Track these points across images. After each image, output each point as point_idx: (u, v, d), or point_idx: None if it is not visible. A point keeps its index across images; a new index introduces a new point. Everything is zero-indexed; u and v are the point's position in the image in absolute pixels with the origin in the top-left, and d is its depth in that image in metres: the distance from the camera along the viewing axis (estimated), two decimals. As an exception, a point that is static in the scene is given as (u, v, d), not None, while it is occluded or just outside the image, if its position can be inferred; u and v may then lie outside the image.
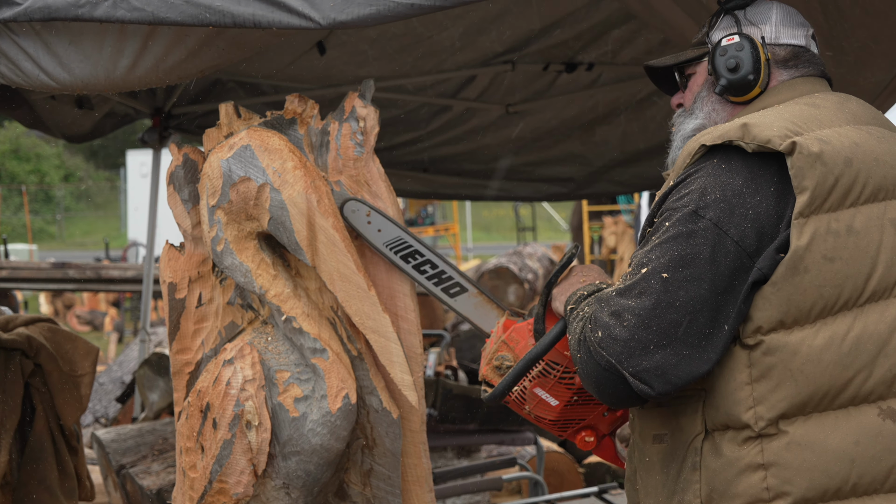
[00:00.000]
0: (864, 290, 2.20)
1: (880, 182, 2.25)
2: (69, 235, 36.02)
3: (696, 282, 2.17)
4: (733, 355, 2.22)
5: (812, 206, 2.17)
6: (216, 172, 3.08)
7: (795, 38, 2.54)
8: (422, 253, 3.14)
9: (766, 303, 2.18)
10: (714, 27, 2.60)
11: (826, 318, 2.19)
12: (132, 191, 27.90)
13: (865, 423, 2.18)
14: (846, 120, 2.35)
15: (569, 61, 5.75)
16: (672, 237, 2.21)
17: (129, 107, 5.96)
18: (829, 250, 2.17)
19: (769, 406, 2.18)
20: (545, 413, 2.70)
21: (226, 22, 2.78)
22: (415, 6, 2.70)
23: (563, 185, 7.11)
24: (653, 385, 2.18)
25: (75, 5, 2.83)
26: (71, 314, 18.97)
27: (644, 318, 2.18)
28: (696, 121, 2.58)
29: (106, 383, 8.31)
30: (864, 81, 4.05)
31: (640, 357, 2.18)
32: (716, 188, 2.21)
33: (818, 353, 2.17)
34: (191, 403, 3.16)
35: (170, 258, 3.23)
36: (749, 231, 2.18)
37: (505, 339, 2.79)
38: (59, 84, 3.00)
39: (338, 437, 3.09)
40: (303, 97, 3.23)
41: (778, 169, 2.21)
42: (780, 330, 2.19)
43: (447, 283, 3.15)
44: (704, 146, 2.28)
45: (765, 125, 2.24)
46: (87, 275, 9.67)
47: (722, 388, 2.23)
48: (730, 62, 2.48)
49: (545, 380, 2.64)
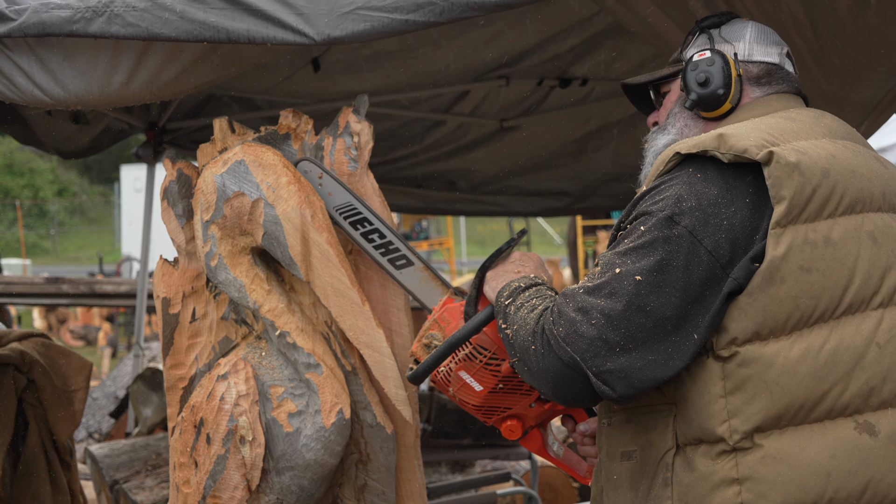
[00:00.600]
0: (841, 303, 2.18)
1: (857, 194, 2.24)
2: (63, 250, 35.98)
3: (669, 289, 2.15)
4: (707, 367, 2.19)
5: (789, 217, 2.16)
6: (210, 187, 3.08)
7: (769, 55, 2.55)
8: (371, 221, 3.12)
9: (742, 314, 2.16)
10: (689, 45, 2.62)
11: (802, 330, 2.17)
12: (126, 206, 27.88)
13: (841, 436, 2.15)
14: (822, 133, 2.35)
15: (562, 76, 5.75)
16: (648, 242, 2.18)
17: (124, 122, 5.95)
18: (806, 261, 2.16)
19: (744, 419, 2.16)
20: (469, 397, 2.68)
21: (220, 38, 2.79)
22: (409, 22, 2.71)
23: (557, 199, 7.10)
24: (615, 387, 2.15)
25: (70, 21, 2.84)
26: (64, 329, 18.93)
27: (613, 320, 2.15)
28: (668, 136, 2.57)
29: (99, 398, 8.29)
30: (857, 97, 4.06)
31: (605, 358, 2.15)
32: (691, 197, 2.19)
33: (794, 364, 2.15)
34: (184, 418, 3.16)
35: (164, 273, 3.23)
36: (723, 241, 2.16)
37: (437, 318, 2.77)
38: (53, 99, 3.01)
39: (332, 453, 3.09)
40: (297, 112, 3.23)
41: (753, 180, 2.20)
42: (755, 341, 2.17)
43: (394, 254, 3.13)
44: (679, 154, 2.27)
45: (741, 135, 2.23)
46: (81, 290, 9.65)
47: (695, 402, 2.20)
48: (699, 76, 2.48)
49: (470, 364, 2.62)
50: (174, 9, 2.79)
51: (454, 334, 2.62)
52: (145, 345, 8.54)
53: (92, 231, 37.87)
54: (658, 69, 2.71)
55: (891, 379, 2.18)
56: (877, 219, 2.26)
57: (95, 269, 22.10)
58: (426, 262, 3.12)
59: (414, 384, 2.76)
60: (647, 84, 2.72)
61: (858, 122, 4.23)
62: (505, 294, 2.47)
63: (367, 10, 2.71)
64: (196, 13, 2.78)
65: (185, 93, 3.20)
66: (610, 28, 5.10)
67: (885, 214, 2.29)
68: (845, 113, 4.08)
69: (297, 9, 2.74)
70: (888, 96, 4.11)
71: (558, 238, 31.00)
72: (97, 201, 39.79)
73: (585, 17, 5.04)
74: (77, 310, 19.17)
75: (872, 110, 4.20)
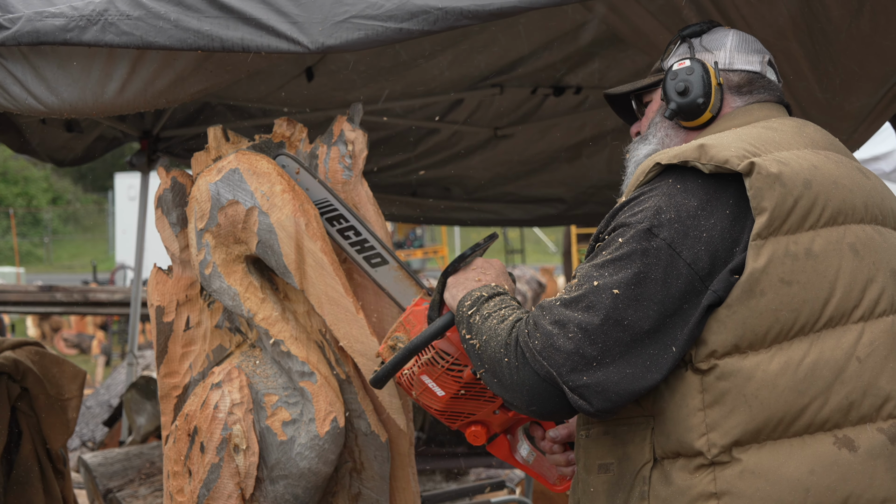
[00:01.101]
0: (822, 316, 2.15)
1: (839, 206, 2.22)
2: (57, 258, 35.95)
3: (647, 302, 2.12)
4: (685, 380, 2.17)
5: (770, 228, 2.13)
6: (204, 196, 3.08)
7: (750, 64, 2.52)
8: (346, 218, 3.12)
9: (721, 326, 2.14)
10: (669, 54, 2.60)
11: (782, 343, 2.14)
12: (120, 214, 27.87)
13: (821, 451, 2.12)
14: (804, 143, 2.32)
15: (556, 84, 5.76)
16: (626, 254, 2.16)
17: (118, 130, 5.95)
18: (786, 273, 2.13)
19: (722, 432, 2.13)
20: (431, 402, 2.67)
21: (214, 46, 2.79)
22: (403, 31, 2.71)
23: (552, 205, 7.10)
24: (591, 401, 2.13)
25: (64, 29, 2.84)
26: (58, 337, 18.91)
27: (590, 333, 2.12)
28: (650, 146, 2.55)
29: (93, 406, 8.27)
30: (850, 106, 4.07)
31: (582, 372, 2.12)
32: (670, 208, 2.17)
33: (773, 378, 2.12)
34: (178, 427, 3.15)
35: (158, 281, 3.23)
36: (702, 254, 2.14)
37: (402, 320, 2.77)
38: (47, 108, 3.00)
39: (326, 461, 3.08)
40: (291, 121, 3.23)
41: (735, 191, 2.17)
42: (734, 354, 2.14)
43: (369, 251, 3.12)
44: (660, 164, 2.24)
45: (722, 146, 2.19)
46: (75, 298, 9.65)
47: (673, 415, 2.18)
48: (679, 86, 2.46)
49: (432, 368, 2.61)
50: (168, 17, 2.79)
51: (415, 338, 2.61)
52: (139, 353, 8.53)
53: (86, 239, 37.85)
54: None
55: (871, 393, 2.15)
56: (859, 230, 2.24)
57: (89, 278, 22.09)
58: (401, 261, 3.12)
59: (375, 388, 2.74)
60: (629, 94, 2.71)
61: (851, 130, 4.24)
62: (467, 303, 2.44)
63: (361, 19, 2.72)
64: (190, 22, 2.78)
65: (180, 101, 3.20)
66: (603, 37, 5.11)
67: (867, 226, 2.26)
68: (838, 121, 4.09)
69: (292, 17, 2.75)
70: (880, 105, 4.12)
71: (553, 246, 31.02)
72: (91, 209, 39.77)
73: (579, 25, 5.05)
74: (71, 318, 19.16)
75: (865, 119, 4.20)
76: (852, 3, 3.42)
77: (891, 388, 2.17)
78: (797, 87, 3.89)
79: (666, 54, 2.61)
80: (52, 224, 37.89)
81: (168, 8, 2.79)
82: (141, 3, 2.80)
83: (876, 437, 2.14)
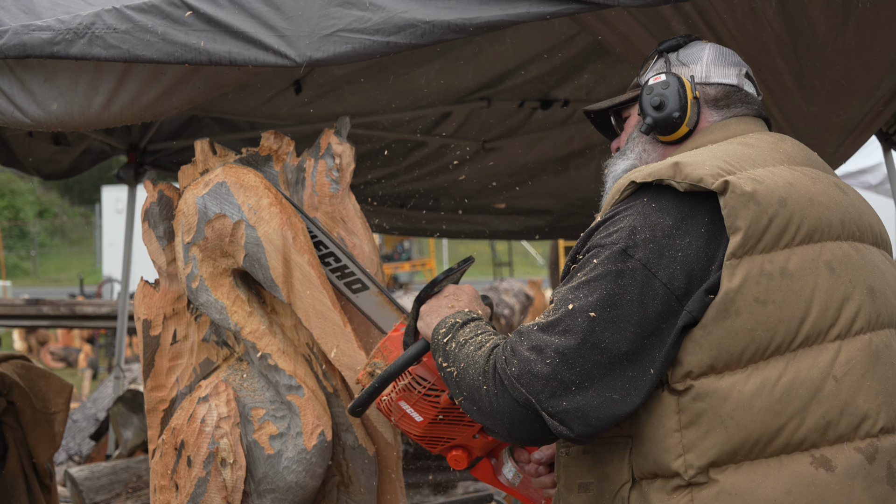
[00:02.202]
0: (798, 335, 2.14)
1: (815, 223, 2.20)
2: (43, 271, 35.84)
3: (624, 323, 2.11)
4: (662, 401, 2.16)
5: (745, 247, 2.12)
6: (191, 209, 3.08)
7: (727, 77, 2.50)
8: (326, 245, 3.12)
9: (696, 346, 2.12)
10: (647, 69, 2.59)
11: (758, 363, 2.13)
12: (107, 227, 27.78)
13: (798, 471, 2.11)
14: (780, 160, 2.31)
15: (544, 98, 5.77)
16: (601, 275, 2.15)
17: (105, 143, 5.95)
18: (761, 293, 2.12)
19: (699, 453, 2.12)
20: (410, 427, 2.66)
21: (202, 60, 2.79)
22: (390, 44, 2.72)
23: (540, 217, 7.11)
24: (572, 427, 2.12)
25: (51, 42, 2.84)
26: (45, 351, 18.83)
27: (567, 358, 2.11)
28: (627, 161, 2.53)
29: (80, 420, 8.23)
30: (837, 119, 4.08)
31: (560, 397, 2.11)
32: (645, 228, 2.15)
33: (749, 398, 2.11)
34: (165, 441, 3.14)
35: (145, 295, 3.22)
36: (678, 273, 2.13)
37: (380, 346, 2.76)
38: (33, 121, 3.00)
39: (313, 475, 3.08)
40: (278, 134, 3.23)
41: (710, 209, 2.16)
42: (710, 375, 2.13)
43: (349, 278, 3.13)
44: (634, 183, 2.23)
45: (697, 164, 2.18)
46: (62, 311, 9.62)
47: (650, 435, 2.17)
48: (654, 100, 2.45)
49: (409, 394, 2.61)
50: (155, 31, 2.79)
51: (391, 365, 2.59)
52: (126, 366, 8.50)
53: (73, 252, 37.74)
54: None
55: (848, 413, 2.14)
56: (835, 248, 2.23)
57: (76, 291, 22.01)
58: (381, 286, 3.12)
59: (355, 415, 2.73)
60: (608, 110, 2.70)
61: (838, 143, 4.26)
62: (441, 331, 2.42)
63: (348, 33, 2.72)
64: (177, 35, 2.78)
65: (167, 114, 3.20)
66: (590, 49, 5.12)
67: (843, 243, 2.25)
68: (826, 134, 4.11)
69: (279, 31, 2.75)
70: (867, 118, 4.13)
71: (540, 259, 31.04)
72: (78, 222, 39.67)
73: (567, 39, 5.06)
74: (57, 331, 19.08)
75: (851, 132, 4.22)
76: (837, 17, 3.43)
77: (868, 407, 2.15)
78: (783, 101, 3.90)
79: (643, 69, 2.61)
80: (38, 237, 37.78)
81: (155, 21, 2.79)
82: (128, 16, 2.80)
83: (853, 456, 2.13)
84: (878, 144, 4.79)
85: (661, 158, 2.47)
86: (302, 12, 2.74)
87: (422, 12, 2.69)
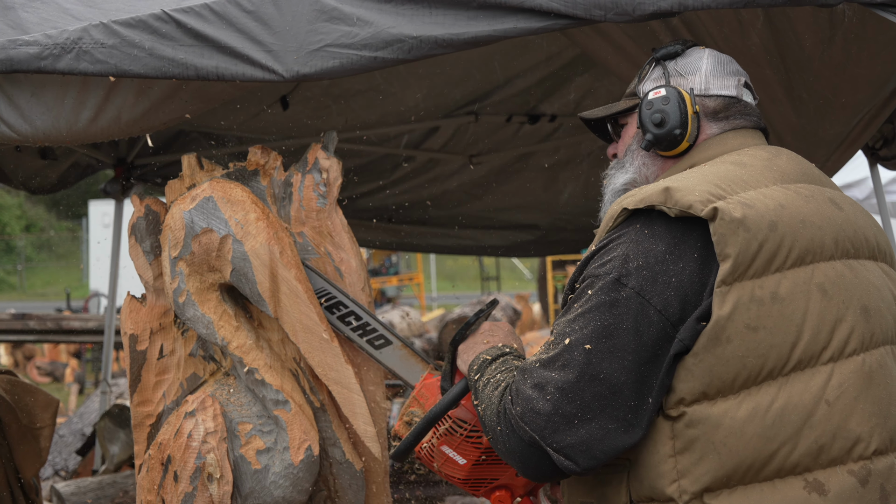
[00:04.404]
0: (790, 359, 2.14)
1: (807, 245, 2.20)
2: (30, 286, 35.72)
3: (620, 353, 2.12)
4: (657, 427, 2.16)
5: (735, 274, 2.11)
6: (178, 224, 3.07)
7: (726, 88, 2.49)
8: (346, 304, 3.13)
9: (689, 374, 2.12)
10: (644, 78, 2.57)
11: (750, 389, 2.13)
12: (94, 241, 27.70)
13: (791, 496, 2.11)
14: (773, 178, 2.29)
15: (531, 112, 5.79)
16: (595, 306, 2.15)
17: (92, 157, 5.94)
18: (752, 319, 2.11)
19: (693, 479, 2.12)
20: (454, 471, 2.66)
21: (189, 75, 2.79)
22: (378, 59, 2.72)
23: (529, 231, 7.12)
24: (578, 461, 2.14)
25: (38, 57, 2.83)
26: (31, 365, 18.76)
27: (567, 392, 2.12)
28: (627, 175, 2.53)
29: (66, 435, 8.20)
30: (825, 132, 4.09)
31: (564, 432, 2.13)
32: (638, 255, 2.16)
33: (741, 425, 2.11)
34: (152, 456, 3.13)
35: (131, 310, 3.22)
36: (672, 299, 2.13)
37: (415, 395, 2.77)
38: (20, 136, 2.99)
39: (300, 490, 3.07)
40: (265, 148, 3.23)
41: (701, 233, 2.16)
42: (702, 401, 2.13)
43: (371, 335, 3.14)
44: (627, 210, 2.23)
45: (687, 189, 2.17)
46: (48, 326, 9.58)
47: (646, 461, 2.17)
48: (655, 117, 2.43)
49: (451, 438, 2.60)
50: (143, 45, 2.79)
51: (430, 410, 2.59)
52: (113, 381, 8.48)
53: (59, 267, 37.63)
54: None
55: (840, 436, 2.14)
56: (828, 269, 2.22)
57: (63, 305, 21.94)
58: (404, 339, 3.13)
59: (398, 461, 2.72)
60: (605, 117, 2.68)
61: (825, 157, 4.27)
62: (474, 369, 2.44)
63: (336, 48, 2.73)
64: (165, 50, 2.78)
65: (154, 129, 3.20)
66: (577, 61, 5.13)
67: (837, 262, 2.24)
68: (814, 147, 4.12)
69: (266, 46, 2.75)
70: (853, 132, 4.14)
71: (528, 273, 31.05)
72: (65, 237, 39.56)
73: (554, 53, 5.07)
74: (44, 346, 19.01)
75: (839, 146, 4.23)
76: (824, 32, 3.44)
77: (861, 430, 2.15)
78: (773, 112, 3.91)
79: (641, 77, 2.59)
80: (25, 251, 37.66)
81: (142, 36, 2.79)
82: (115, 31, 2.80)
83: (846, 479, 2.13)
84: (864, 159, 4.80)
85: (660, 171, 2.48)
86: (289, 27, 2.75)
87: (409, 28, 2.70)
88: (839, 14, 3.25)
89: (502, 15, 2.68)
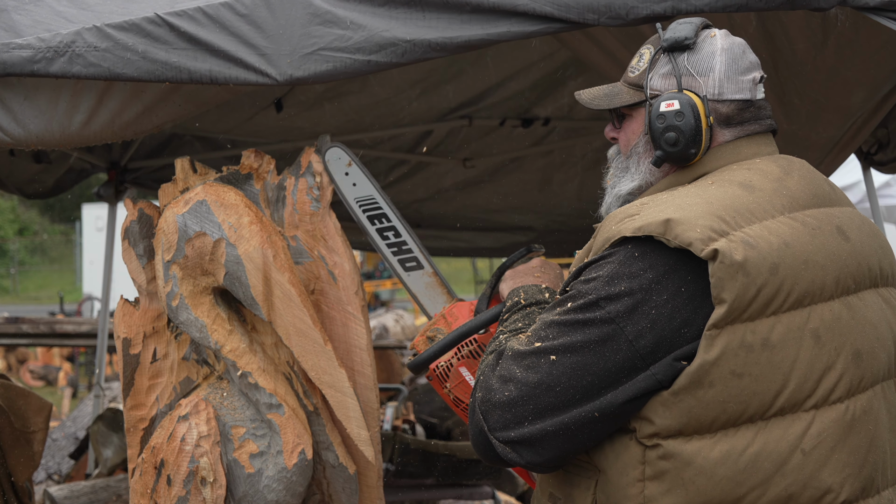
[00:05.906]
0: (772, 406, 2.09)
1: (807, 287, 2.12)
2: (23, 290, 35.66)
3: (581, 372, 2.11)
4: (629, 449, 2.14)
5: (728, 318, 2.06)
6: (171, 227, 3.07)
7: (740, 91, 2.33)
8: (389, 218, 3.12)
9: (666, 411, 2.09)
10: (652, 68, 2.39)
11: (728, 430, 2.10)
12: (87, 245, 27.65)
13: None
14: (782, 206, 2.20)
15: (524, 116, 5.79)
16: (569, 322, 2.14)
17: (85, 161, 5.93)
18: (738, 366, 2.06)
19: None
20: (465, 396, 2.66)
21: (182, 78, 2.79)
22: (371, 63, 2.73)
23: (523, 233, 7.11)
24: (521, 454, 2.16)
25: (31, 61, 2.83)
26: (24, 369, 18.72)
27: (524, 394, 2.14)
28: (633, 183, 2.42)
29: (59, 439, 8.19)
30: (817, 137, 4.09)
31: (510, 429, 2.15)
32: (623, 279, 2.11)
33: (712, 466, 2.08)
34: (145, 460, 3.13)
35: (124, 313, 3.21)
36: (647, 332, 2.08)
37: (444, 313, 2.76)
38: (13, 139, 2.99)
39: (294, 494, 3.07)
40: (259, 152, 3.23)
41: (695, 266, 2.08)
42: (677, 437, 2.10)
43: (405, 255, 3.12)
44: (624, 238, 2.15)
45: (689, 223, 2.09)
46: (41, 329, 9.58)
47: (615, 479, 2.15)
48: (669, 136, 2.29)
49: (473, 361, 2.61)
50: (136, 49, 2.79)
51: (459, 328, 2.59)
52: (106, 385, 8.47)
53: (53, 270, 37.58)
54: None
55: (811, 486, 2.10)
56: (825, 311, 2.15)
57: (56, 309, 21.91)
58: (437, 268, 3.10)
59: (413, 373, 2.72)
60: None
61: (818, 162, 4.27)
62: (508, 304, 2.45)
63: (329, 51, 2.73)
64: (158, 53, 2.79)
65: (147, 132, 3.20)
66: (570, 63, 5.13)
67: (835, 303, 2.17)
68: (805, 152, 4.11)
69: (260, 49, 2.76)
70: (846, 137, 4.15)
71: (522, 276, 31.05)
72: (58, 240, 39.51)
73: (546, 55, 5.07)
74: (37, 350, 18.99)
75: (831, 150, 4.23)
76: (817, 36, 3.45)
77: (832, 481, 2.12)
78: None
79: (645, 62, 2.41)
80: (18, 255, 37.61)
81: (136, 40, 2.79)
82: (109, 34, 2.81)
83: None
84: (857, 163, 4.81)
85: (664, 175, 2.39)
86: (283, 31, 2.75)
87: (402, 31, 2.70)
88: (832, 18, 3.25)
89: (496, 19, 2.68)
